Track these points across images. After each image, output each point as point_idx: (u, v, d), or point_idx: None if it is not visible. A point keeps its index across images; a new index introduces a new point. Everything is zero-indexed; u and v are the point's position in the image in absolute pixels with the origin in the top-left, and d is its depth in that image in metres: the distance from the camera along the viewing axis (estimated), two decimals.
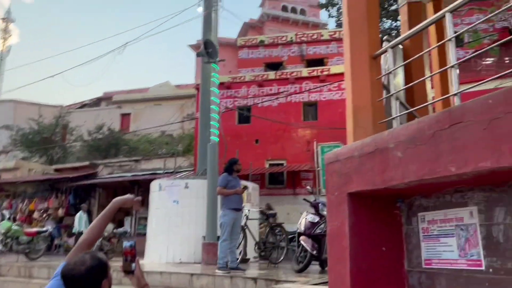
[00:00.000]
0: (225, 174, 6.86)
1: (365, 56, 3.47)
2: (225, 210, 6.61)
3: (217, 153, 8.94)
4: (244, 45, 20.61)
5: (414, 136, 2.62)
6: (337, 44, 19.78)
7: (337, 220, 3.32)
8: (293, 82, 16.40)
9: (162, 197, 9.66)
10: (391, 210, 3.28)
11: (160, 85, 46.32)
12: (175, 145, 27.17)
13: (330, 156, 3.49)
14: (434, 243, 2.93)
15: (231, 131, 16.12)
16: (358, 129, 3.41)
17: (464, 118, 2.30)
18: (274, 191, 15.88)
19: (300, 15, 45.87)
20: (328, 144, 15.40)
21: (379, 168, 2.90)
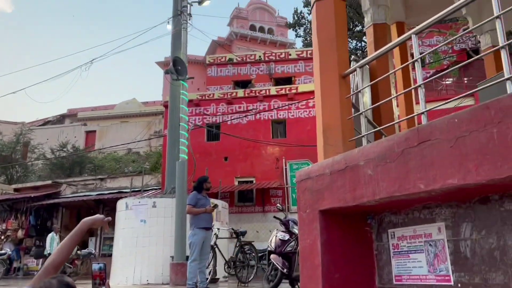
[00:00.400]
0: (194, 193, 6.75)
1: (334, 76, 3.54)
2: (195, 229, 6.48)
3: (186, 170, 8.83)
4: (213, 63, 20.67)
5: (384, 153, 2.68)
6: (305, 63, 20.16)
7: (309, 237, 3.33)
8: (261, 100, 16.53)
9: (129, 217, 9.41)
10: (362, 227, 3.32)
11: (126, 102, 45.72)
12: (142, 163, 26.68)
13: (302, 174, 3.51)
14: (404, 259, 2.97)
15: (200, 149, 16.00)
16: (328, 147, 3.45)
17: (431, 136, 2.37)
18: (243, 209, 15.79)
19: (268, 34, 46.59)
20: (296, 162, 15.54)
21: (350, 185, 2.93)
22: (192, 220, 6.60)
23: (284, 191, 15.58)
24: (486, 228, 2.43)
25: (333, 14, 3.64)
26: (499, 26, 2.38)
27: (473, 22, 6.74)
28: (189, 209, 6.55)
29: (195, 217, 6.57)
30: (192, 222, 6.56)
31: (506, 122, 1.99)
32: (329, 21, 3.64)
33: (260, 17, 47.75)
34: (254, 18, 47.39)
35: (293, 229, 6.68)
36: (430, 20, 2.91)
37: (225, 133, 15.46)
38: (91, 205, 18.91)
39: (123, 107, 44.52)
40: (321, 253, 3.14)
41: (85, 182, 20.24)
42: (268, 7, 48.59)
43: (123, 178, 20.49)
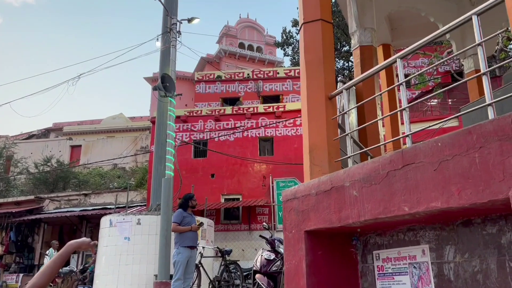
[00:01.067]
0: (180, 210, 6.68)
1: (321, 97, 3.58)
2: (179, 247, 6.40)
3: (172, 188, 8.74)
4: (201, 80, 20.74)
5: (369, 175, 2.70)
6: (293, 82, 20.36)
7: (295, 258, 3.31)
8: (249, 117, 16.59)
9: (113, 234, 9.24)
10: (347, 248, 3.32)
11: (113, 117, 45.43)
12: (127, 178, 26.39)
13: (288, 194, 3.51)
14: (389, 281, 2.97)
15: (187, 165, 15.93)
16: (314, 167, 3.47)
17: (416, 159, 2.40)
18: (229, 226, 15.66)
19: (257, 52, 47.04)
20: (283, 179, 15.54)
21: (336, 206, 2.94)
22: (177, 238, 6.52)
23: (270, 209, 15.52)
24: (469, 251, 2.45)
25: (321, 36, 3.70)
26: (481, 53, 2.44)
27: (457, 46, 6.93)
28: (174, 227, 6.47)
29: (180, 236, 6.49)
30: (177, 241, 6.47)
31: (487, 147, 2.03)
32: (317, 43, 3.70)
33: (249, 35, 48.25)
34: (243, 36, 47.86)
35: (279, 249, 6.65)
36: (416, 45, 2.98)
37: (212, 150, 15.43)
38: (75, 221, 18.57)
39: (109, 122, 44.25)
40: (306, 274, 3.12)
41: (68, 198, 19.90)
42: (257, 25, 49.18)
43: (108, 194, 20.22)
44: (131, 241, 9.10)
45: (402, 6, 6.51)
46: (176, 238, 6.50)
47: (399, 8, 6.55)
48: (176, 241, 6.47)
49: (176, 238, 6.49)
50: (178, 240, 6.44)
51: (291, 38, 32.71)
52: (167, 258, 8.07)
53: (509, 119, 1.95)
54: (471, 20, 2.60)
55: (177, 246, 6.42)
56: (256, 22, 49.63)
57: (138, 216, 9.34)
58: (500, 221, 2.31)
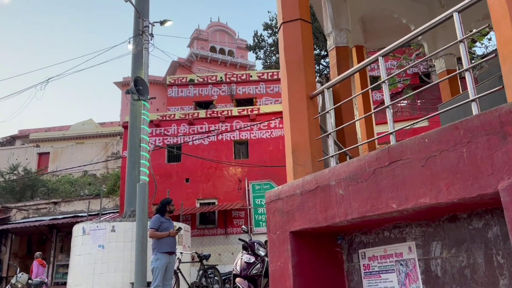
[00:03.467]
0: (157, 216, 6.52)
1: (302, 96, 3.56)
2: (158, 254, 6.24)
3: (147, 193, 8.56)
4: (173, 84, 20.50)
5: (355, 173, 2.69)
6: (266, 85, 20.40)
7: (280, 260, 3.26)
8: (223, 120, 16.49)
9: (86, 242, 8.96)
10: (333, 248, 3.29)
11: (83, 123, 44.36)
12: (99, 185, 25.76)
13: (271, 195, 3.47)
14: (376, 279, 2.97)
15: (161, 170, 15.67)
16: (297, 167, 3.44)
17: (402, 156, 2.40)
18: (205, 231, 15.49)
19: (229, 56, 46.98)
20: (259, 182, 15.50)
21: (322, 206, 2.91)
22: (154, 244, 6.36)
23: (246, 213, 15.45)
24: (456, 246, 2.46)
25: (300, 36, 3.68)
26: (463, 49, 2.47)
27: (428, 47, 7.08)
28: (152, 233, 6.31)
29: (158, 241, 6.34)
30: (155, 247, 6.32)
31: (475, 142, 2.04)
32: (296, 42, 3.68)
33: (220, 39, 48.15)
34: (214, 40, 47.73)
35: (258, 251, 6.59)
36: (397, 43, 3.00)
37: (186, 154, 15.25)
38: (44, 231, 17.93)
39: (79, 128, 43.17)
40: (292, 275, 3.08)
41: (37, 207, 19.24)
42: (228, 29, 49.14)
43: (79, 202, 19.68)
44: (106, 249, 8.85)
45: (375, 8, 6.60)
46: (154, 244, 6.34)
47: (372, 9, 6.64)
48: (154, 247, 6.31)
49: (154, 244, 6.33)
50: (156, 246, 6.29)
51: (262, 41, 32.83)
52: (144, 265, 7.89)
53: (496, 113, 1.96)
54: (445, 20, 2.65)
55: (155, 252, 6.26)
56: (227, 25, 49.59)
57: (112, 223, 9.10)
58: (486, 215, 2.33)
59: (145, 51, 9.25)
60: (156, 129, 16.68)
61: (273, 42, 32.36)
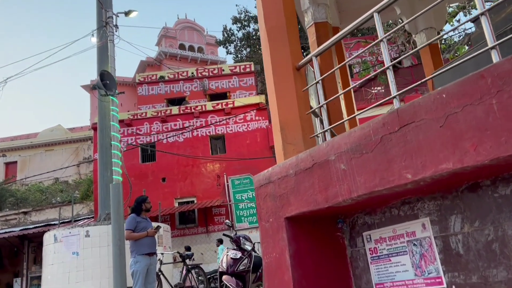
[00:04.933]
0: (132, 215, 6.03)
1: (288, 68, 3.20)
2: (137, 256, 5.77)
3: (122, 193, 8.03)
4: (143, 82, 19.81)
5: (358, 144, 2.34)
6: (239, 78, 19.99)
7: (275, 250, 2.89)
8: (198, 116, 15.99)
9: (59, 250, 8.37)
10: (333, 233, 2.95)
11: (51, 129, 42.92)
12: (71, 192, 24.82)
13: (261, 179, 3.09)
14: (385, 264, 2.63)
15: (135, 171, 15.07)
16: (288, 146, 3.08)
17: (415, 118, 2.06)
18: (185, 231, 15.00)
19: (198, 53, 46.27)
20: (238, 177, 15.11)
21: (321, 185, 2.56)
22: (132, 246, 5.87)
23: (227, 209, 15.04)
24: (480, 218, 2.15)
25: (281, 1, 3.31)
26: None
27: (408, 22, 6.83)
28: (128, 234, 5.83)
29: (136, 243, 5.86)
30: (133, 249, 5.84)
31: (507, 90, 1.71)
32: (277, 8, 3.31)
33: (188, 36, 47.36)
34: (182, 37, 46.90)
35: (244, 246, 6.22)
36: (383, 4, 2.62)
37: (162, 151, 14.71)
38: (15, 242, 17.02)
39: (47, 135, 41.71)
40: (290, 267, 2.71)
41: (6, 218, 18.29)
42: (197, 26, 48.41)
43: (51, 210, 18.82)
44: (81, 256, 8.29)
45: None
46: (131, 246, 5.86)
47: None
48: (132, 249, 5.83)
49: (132, 246, 5.85)
50: (134, 248, 5.81)
51: (232, 35, 32.40)
52: (122, 270, 7.39)
53: None
54: None
55: (134, 255, 5.79)
56: (195, 22, 48.76)
57: (86, 227, 8.54)
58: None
59: (110, 44, 8.70)
60: (128, 129, 16.05)
61: (243, 36, 31.96)
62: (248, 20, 31.95)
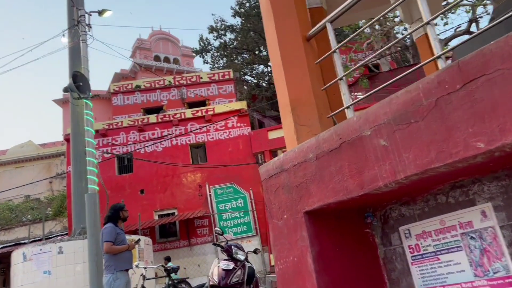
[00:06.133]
0: (111, 226, 5.37)
1: (297, 38, 2.73)
2: (116, 272, 5.12)
3: (98, 204, 7.37)
4: (118, 91, 19.06)
5: (404, 112, 1.86)
6: (217, 86, 19.50)
7: (292, 253, 2.37)
8: (177, 124, 15.36)
9: (28, 270, 7.59)
10: (360, 229, 2.45)
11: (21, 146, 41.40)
12: (43, 209, 23.62)
13: (269, 168, 2.58)
14: (432, 263, 2.15)
15: (111, 183, 14.28)
16: (301, 128, 2.58)
17: (486, 69, 1.60)
18: (166, 244, 14.24)
19: (174, 64, 45.61)
20: (221, 186, 14.51)
21: (353, 168, 2.06)
22: (110, 260, 5.21)
23: (210, 220, 14.39)
24: None
25: None
26: None
27: (403, 11, 6.51)
28: (109, 247, 5.18)
29: (115, 257, 5.21)
30: (111, 263, 5.18)
31: None
32: None
33: (163, 47, 46.69)
34: (157, 49, 46.21)
35: (237, 256, 5.65)
36: None
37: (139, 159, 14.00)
38: None
39: (17, 151, 40.19)
40: (315, 272, 2.20)
41: None
42: (171, 37, 47.84)
43: (21, 228, 17.74)
44: (53, 275, 7.54)
45: None
46: (109, 260, 5.20)
47: None
48: (110, 264, 5.17)
49: (110, 261, 5.19)
50: (113, 263, 5.16)
51: (209, 45, 31.99)
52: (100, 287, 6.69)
53: None
54: None
55: (112, 271, 5.13)
56: (170, 33, 48.15)
57: (59, 243, 7.79)
58: None
59: (82, 44, 8.09)
60: (103, 139, 15.27)
61: (220, 45, 31.58)
62: (225, 29, 31.67)
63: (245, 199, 14.31)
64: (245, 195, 14.37)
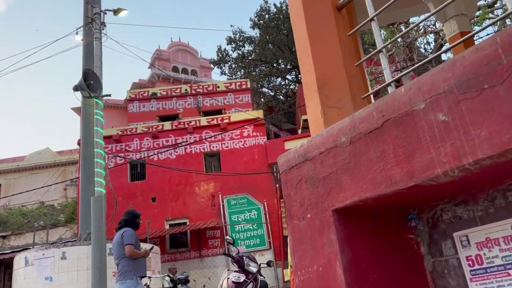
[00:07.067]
0: (132, 230, 5.07)
1: (326, 6, 2.32)
2: (136, 278, 4.82)
3: (104, 208, 7.00)
4: (134, 98, 18.93)
5: (473, 75, 1.41)
6: (234, 95, 19.21)
7: (317, 261, 1.91)
8: (191, 131, 15.05)
9: (30, 275, 7.23)
10: (402, 235, 1.98)
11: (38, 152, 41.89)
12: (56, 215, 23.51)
13: (290, 158, 2.14)
14: (499, 280, 1.66)
15: (123, 190, 13.97)
16: (330, 110, 2.15)
17: None
18: (177, 255, 13.79)
19: (192, 75, 45.75)
20: (234, 197, 14.07)
21: (399, 152, 1.61)
22: (129, 266, 4.90)
23: (222, 232, 13.91)
24: None
25: None
26: None
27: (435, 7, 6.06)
28: (133, 250, 4.91)
29: (134, 263, 4.94)
30: (130, 269, 4.87)
31: None
32: None
33: (182, 58, 46.93)
34: (176, 59, 46.45)
35: (249, 268, 5.18)
36: None
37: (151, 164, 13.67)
38: None
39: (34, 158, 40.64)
40: (345, 285, 1.73)
41: None
42: (190, 48, 48.13)
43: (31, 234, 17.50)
44: (55, 282, 7.16)
45: None
46: (128, 265, 4.89)
47: None
48: (129, 269, 4.85)
49: (129, 266, 4.88)
50: (132, 268, 4.85)
51: (227, 56, 31.94)
52: None
53: None
54: None
55: (132, 276, 4.82)
56: (189, 45, 48.44)
57: (62, 248, 7.43)
58: None
59: (96, 42, 7.84)
60: (116, 145, 15.03)
61: (238, 56, 31.48)
62: (243, 40, 31.59)
63: (259, 211, 13.82)
64: (259, 206, 13.89)
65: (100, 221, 6.86)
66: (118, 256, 4.87)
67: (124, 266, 4.89)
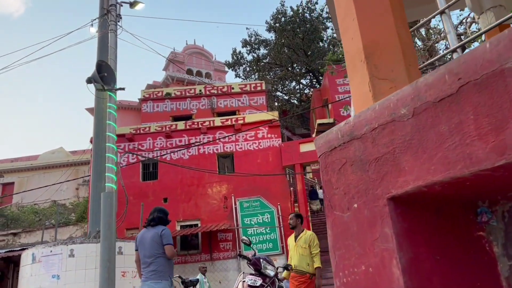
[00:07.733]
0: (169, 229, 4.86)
1: None
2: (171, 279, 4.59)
3: (115, 204, 6.73)
4: (148, 98, 18.76)
5: None
6: (249, 97, 18.93)
7: (366, 261, 1.58)
8: (205, 132, 14.79)
9: (36, 272, 6.99)
10: (470, 231, 1.64)
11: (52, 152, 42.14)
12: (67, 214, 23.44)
13: (332, 138, 1.81)
14: None
15: (135, 189, 13.75)
16: (379, 82, 1.82)
17: None
18: (187, 258, 13.50)
19: (206, 78, 45.69)
20: (247, 199, 13.75)
21: (483, 123, 1.27)
22: (166, 266, 4.70)
23: (234, 235, 13.58)
24: None
25: None
26: None
27: (472, 3, 5.70)
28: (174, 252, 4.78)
29: (169, 264, 4.75)
30: (166, 270, 4.68)
31: None
32: None
33: (196, 61, 46.88)
34: (190, 62, 46.42)
35: (266, 271, 4.84)
36: None
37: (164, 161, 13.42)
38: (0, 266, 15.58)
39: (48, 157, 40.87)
40: None
41: None
42: (205, 51, 48.08)
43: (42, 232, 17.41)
44: (62, 280, 6.90)
45: None
46: (165, 266, 4.68)
47: None
48: (165, 270, 4.64)
49: (166, 266, 4.67)
50: (168, 269, 4.67)
51: (241, 58, 31.76)
52: None
53: None
54: None
55: (167, 277, 4.64)
56: (204, 48, 48.41)
57: (70, 246, 7.18)
58: None
59: (111, 33, 7.63)
60: (129, 144, 14.83)
61: (252, 59, 31.27)
62: (258, 43, 31.38)
63: (272, 214, 13.48)
64: (273, 210, 13.55)
65: (110, 217, 6.59)
66: (153, 254, 4.59)
67: (160, 265, 4.62)
